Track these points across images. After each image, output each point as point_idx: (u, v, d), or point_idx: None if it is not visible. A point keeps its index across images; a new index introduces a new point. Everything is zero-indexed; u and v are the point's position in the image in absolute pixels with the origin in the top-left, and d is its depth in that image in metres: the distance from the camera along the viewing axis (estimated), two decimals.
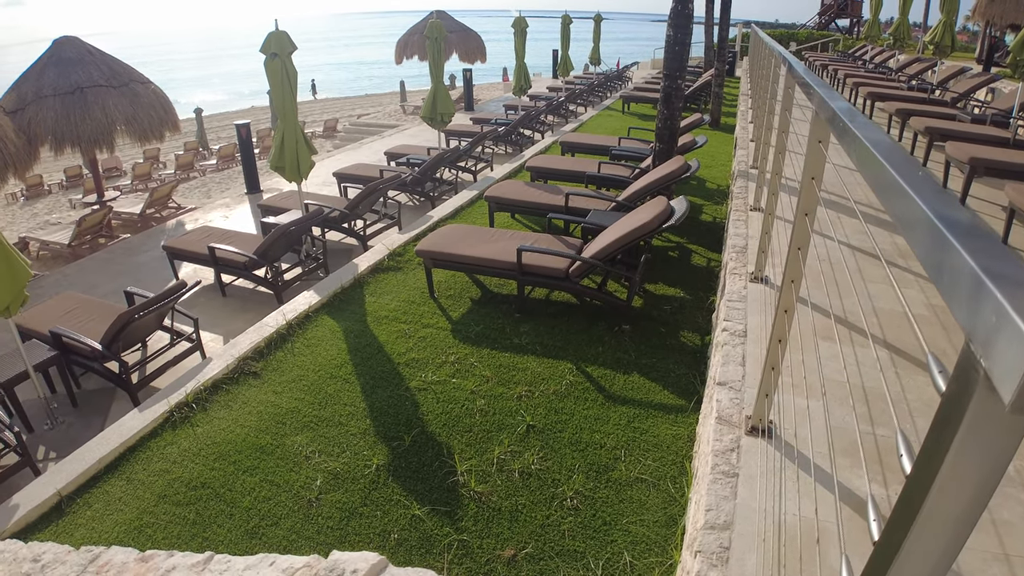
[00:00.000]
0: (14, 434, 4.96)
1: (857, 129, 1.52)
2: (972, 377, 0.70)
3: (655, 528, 3.62)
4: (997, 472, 0.73)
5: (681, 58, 8.22)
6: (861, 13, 40.12)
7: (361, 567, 1.69)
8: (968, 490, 0.75)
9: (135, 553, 2.13)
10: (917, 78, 13.94)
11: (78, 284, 8.83)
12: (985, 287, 0.68)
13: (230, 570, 1.81)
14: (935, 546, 0.81)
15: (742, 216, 6.04)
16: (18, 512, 4.12)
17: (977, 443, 0.71)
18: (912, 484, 0.82)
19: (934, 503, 0.77)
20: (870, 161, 1.31)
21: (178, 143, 25.57)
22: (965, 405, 0.71)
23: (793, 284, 2.53)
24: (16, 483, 4.75)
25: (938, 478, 0.75)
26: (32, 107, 12.27)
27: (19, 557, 2.44)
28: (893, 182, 1.11)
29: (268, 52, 7.61)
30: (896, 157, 1.23)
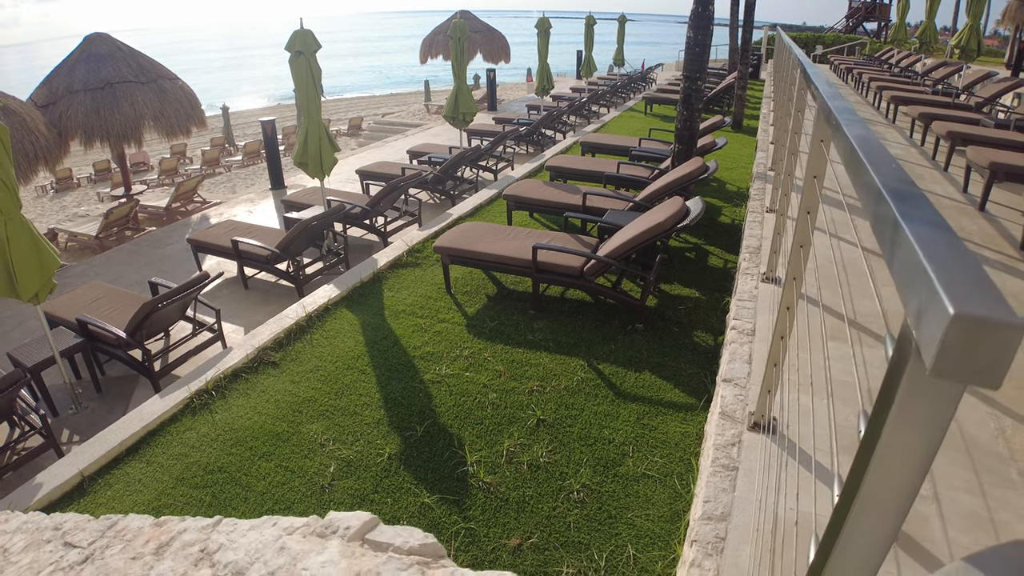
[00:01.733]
0: (40, 417, 5.11)
1: (846, 127, 1.58)
2: (907, 348, 0.77)
3: (660, 523, 3.67)
4: (932, 436, 0.78)
5: (701, 60, 8.24)
6: (889, 17, 39.72)
7: (354, 524, 1.79)
8: (907, 454, 0.81)
9: (150, 519, 2.23)
10: (943, 82, 13.84)
11: (104, 275, 9.02)
12: (919, 261, 0.74)
13: (236, 530, 1.91)
14: (882, 508, 0.87)
15: (758, 217, 6.06)
16: (42, 490, 4.27)
17: (911, 407, 0.77)
18: (862, 450, 0.88)
19: (879, 464, 0.83)
20: (852, 156, 1.37)
21: (204, 139, 25.93)
22: (901, 373, 0.77)
23: (795, 281, 2.58)
24: (40, 464, 4.93)
25: (880, 443, 0.81)
26: (63, 102, 12.52)
27: (41, 526, 2.55)
28: (867, 175, 1.17)
29: (293, 50, 7.73)
30: (874, 152, 1.29)
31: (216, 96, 42.26)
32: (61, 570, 2.05)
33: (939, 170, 8.27)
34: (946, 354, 0.66)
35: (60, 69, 13.07)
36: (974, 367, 0.66)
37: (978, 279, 0.69)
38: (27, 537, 2.51)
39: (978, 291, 0.67)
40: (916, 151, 9.44)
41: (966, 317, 0.63)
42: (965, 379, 0.67)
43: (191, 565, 1.78)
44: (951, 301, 0.65)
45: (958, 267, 0.71)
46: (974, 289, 0.67)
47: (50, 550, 2.26)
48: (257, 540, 1.76)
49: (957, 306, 0.64)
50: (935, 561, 2.41)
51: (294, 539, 1.73)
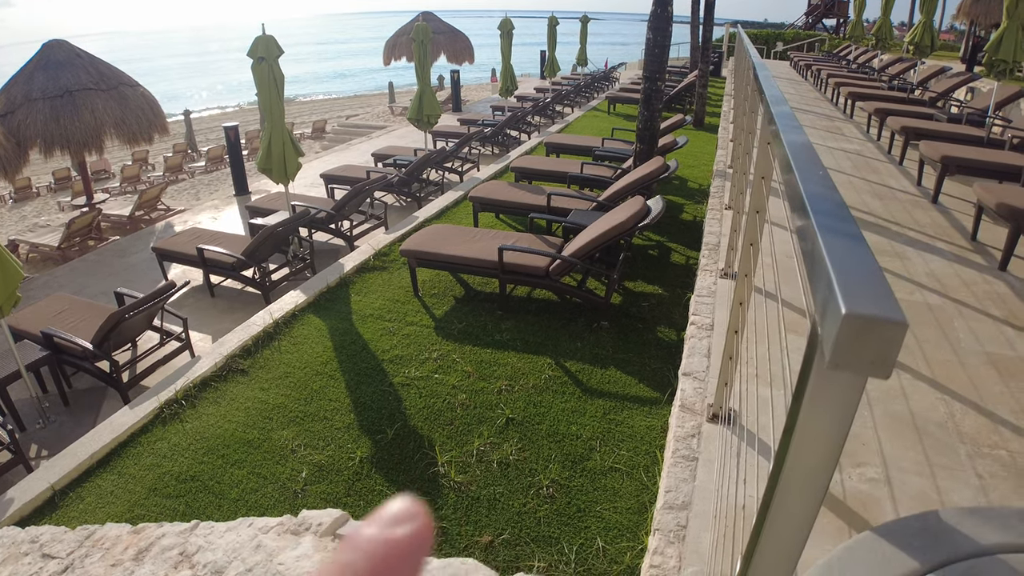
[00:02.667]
0: (7, 432, 5.06)
1: (784, 132, 1.68)
2: (815, 343, 0.85)
3: (627, 515, 3.77)
4: (837, 422, 0.87)
5: (661, 60, 8.37)
6: (847, 13, 40.42)
7: (326, 520, 1.86)
8: (819, 438, 0.89)
9: (128, 527, 2.27)
10: (898, 78, 14.16)
11: (68, 286, 8.93)
12: (824, 264, 0.83)
13: (214, 532, 1.97)
14: (803, 485, 0.96)
15: (717, 214, 6.20)
16: (12, 506, 4.24)
17: (817, 396, 0.86)
18: (784, 434, 0.97)
19: (797, 447, 0.92)
20: (785, 161, 1.46)
21: (166, 145, 25.57)
22: (810, 366, 0.86)
23: (747, 278, 2.68)
24: (9, 480, 4.86)
25: (797, 426, 0.90)
26: (21, 111, 12.33)
27: (18, 540, 2.58)
28: (794, 180, 1.26)
29: (255, 56, 7.72)
30: (804, 157, 1.39)
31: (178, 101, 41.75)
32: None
33: (894, 164, 8.49)
34: (840, 348, 0.74)
35: (18, 77, 12.86)
36: (866, 359, 0.74)
37: (873, 280, 0.78)
38: (3, 551, 2.53)
39: (870, 291, 0.75)
40: (873, 145, 9.68)
41: (856, 315, 0.72)
42: (859, 370, 0.76)
43: (171, 567, 1.83)
44: (844, 300, 0.73)
45: (857, 269, 0.80)
46: (866, 289, 0.76)
47: (28, 562, 2.28)
48: (234, 540, 1.82)
49: (849, 305, 0.73)
50: None
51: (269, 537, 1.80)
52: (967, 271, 5.14)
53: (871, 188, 7.20)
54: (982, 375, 3.68)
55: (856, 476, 2.72)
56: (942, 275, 5.01)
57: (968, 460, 3.00)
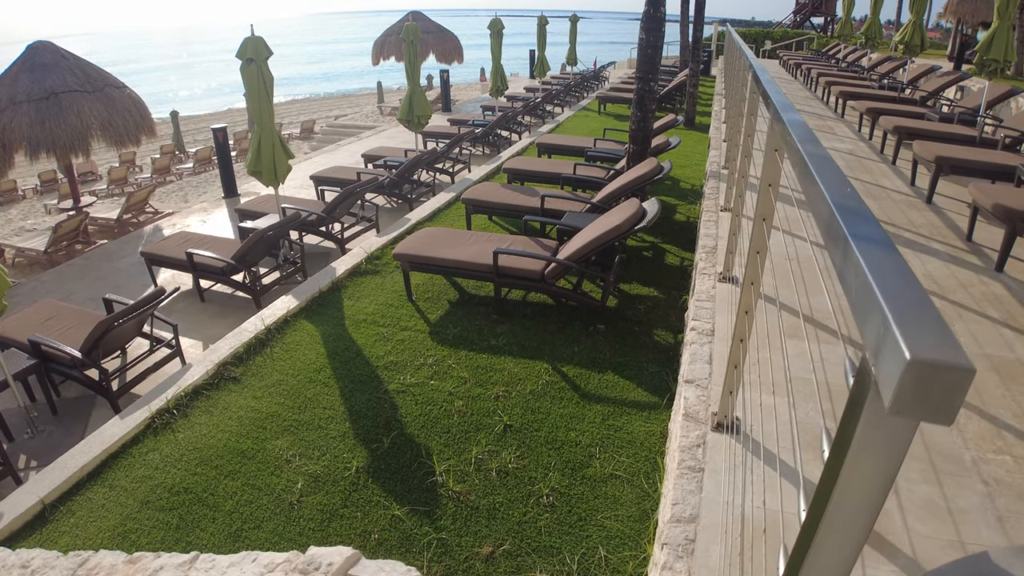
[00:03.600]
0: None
1: (800, 144, 1.63)
2: (867, 380, 0.81)
3: (629, 523, 3.72)
4: (891, 464, 0.82)
5: (653, 61, 8.34)
6: (835, 11, 40.62)
7: (336, 560, 1.79)
8: (868, 479, 0.85)
9: (123, 556, 2.19)
10: (888, 77, 14.18)
11: (55, 291, 8.80)
12: (877, 301, 0.78)
13: (215, 568, 1.89)
14: (847, 526, 0.91)
15: (713, 217, 6.16)
16: (2, 521, 4.15)
17: (871, 439, 0.81)
18: (827, 473, 0.92)
19: (842, 489, 0.87)
20: (807, 175, 1.41)
21: (154, 146, 25.33)
22: (862, 405, 0.81)
23: (753, 286, 2.64)
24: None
25: (844, 468, 0.85)
26: (6, 113, 12.16)
27: (7, 564, 2.50)
28: (821, 196, 1.21)
29: (244, 57, 7.63)
30: (827, 172, 1.34)
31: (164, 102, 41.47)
32: None
33: (887, 164, 8.49)
34: (903, 394, 0.70)
35: (2, 80, 12.67)
36: (930, 407, 0.70)
37: (933, 322, 0.73)
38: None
39: (933, 335, 0.71)
40: (865, 145, 9.68)
41: (922, 362, 0.67)
42: (921, 417, 0.71)
43: None
44: (908, 345, 0.69)
45: (914, 309, 0.75)
46: (929, 333, 0.71)
47: None
48: None
49: (914, 351, 0.68)
50: (896, 551, 2.49)
51: None
52: (964, 272, 5.12)
53: (865, 188, 7.19)
54: (983, 379, 3.66)
55: None
56: (939, 276, 4.99)
57: (973, 466, 2.97)
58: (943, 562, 2.46)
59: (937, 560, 2.47)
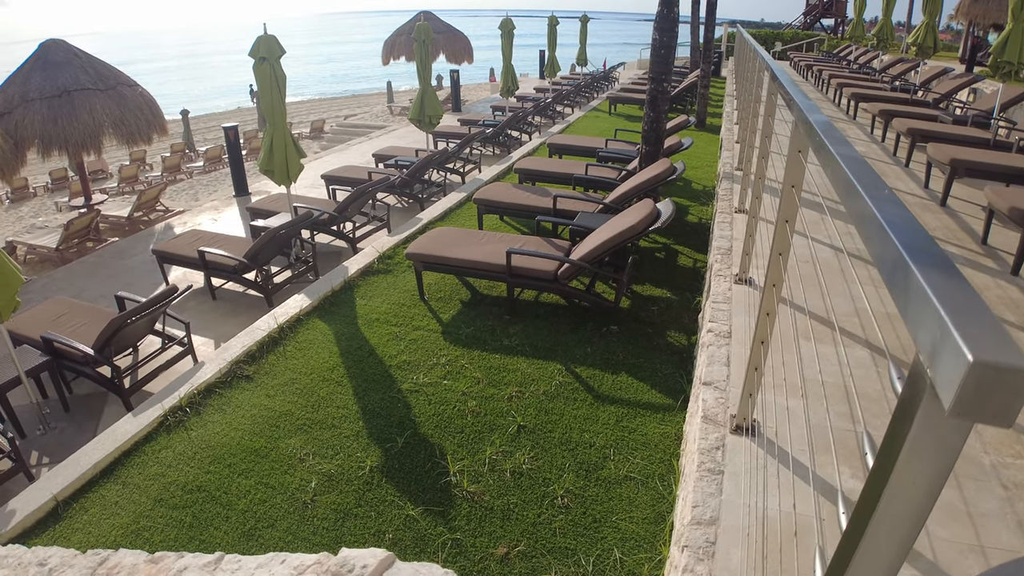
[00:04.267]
0: (7, 440, 4.99)
1: (831, 145, 1.62)
2: (921, 384, 0.79)
3: (644, 525, 3.71)
4: (944, 468, 0.81)
5: (667, 61, 8.32)
6: (845, 13, 40.45)
7: (371, 562, 1.77)
8: (919, 484, 0.84)
9: (144, 555, 2.18)
10: (900, 79, 14.12)
11: (67, 288, 8.84)
12: (932, 304, 0.77)
13: (242, 569, 1.88)
14: (893, 534, 0.90)
15: (727, 218, 6.13)
16: (15, 518, 4.16)
17: (925, 442, 0.80)
18: (873, 478, 0.91)
19: (891, 495, 0.86)
20: (841, 177, 1.40)
21: (164, 145, 25.43)
22: (915, 408, 0.80)
23: (775, 288, 2.62)
24: (10, 489, 4.80)
25: (894, 473, 0.84)
26: (19, 111, 12.22)
27: (24, 562, 2.49)
28: (860, 198, 1.20)
29: (257, 56, 7.65)
30: (864, 175, 1.32)
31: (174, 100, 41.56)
32: None
33: (900, 166, 8.45)
34: (965, 397, 0.68)
35: (15, 77, 12.75)
36: (990, 409, 0.69)
37: (992, 324, 0.72)
38: (10, 573, 2.45)
39: (994, 337, 0.69)
40: (877, 147, 9.64)
41: (985, 364, 0.66)
42: (981, 419, 0.70)
43: None
44: (969, 348, 0.68)
45: (970, 311, 0.74)
46: (990, 335, 0.70)
47: None
48: None
49: (976, 353, 0.67)
50: (916, 555, 2.47)
51: None
52: (979, 276, 5.09)
53: None
54: None
55: None
56: None
57: (992, 471, 2.95)
58: (963, 566, 2.44)
59: (958, 564, 2.45)
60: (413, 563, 1.78)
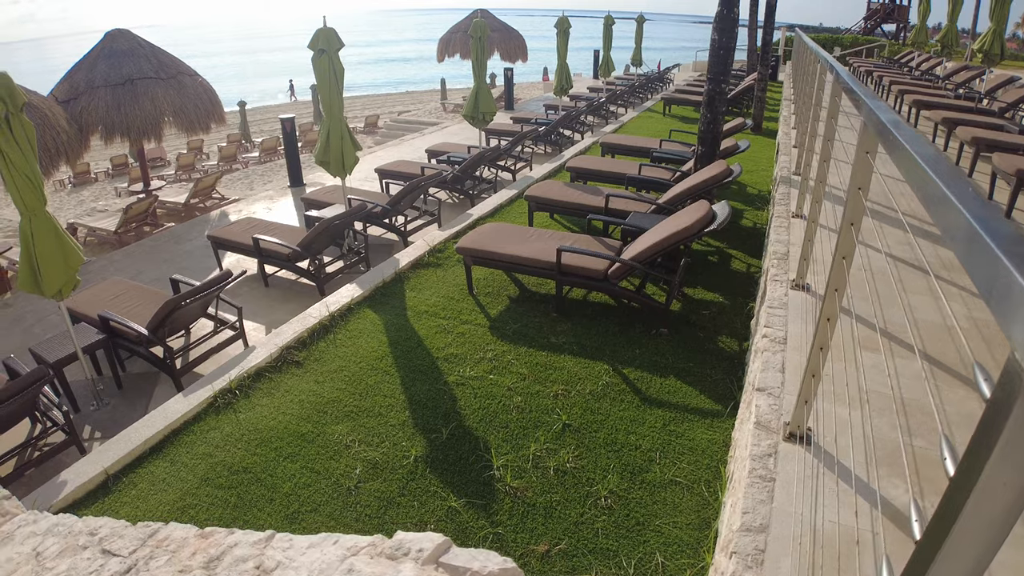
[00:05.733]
0: (62, 413, 5.13)
1: (905, 141, 1.56)
2: (1016, 385, 0.75)
3: (688, 530, 3.65)
4: None
5: (725, 62, 8.21)
6: (908, 18, 39.42)
7: (427, 546, 1.76)
8: (1009, 492, 0.79)
9: (194, 529, 2.21)
10: (964, 87, 13.71)
11: (124, 270, 9.07)
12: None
13: (293, 548, 1.88)
14: (975, 545, 0.86)
15: (784, 223, 6.02)
16: (66, 488, 4.28)
17: (1018, 447, 0.75)
18: (955, 486, 0.87)
19: (976, 503, 0.82)
20: (918, 174, 1.34)
21: (221, 134, 25.99)
22: (1008, 411, 0.76)
23: (836, 293, 2.55)
24: (62, 461, 4.95)
25: (981, 479, 0.80)
26: (84, 97, 12.59)
27: (74, 531, 2.55)
28: (942, 196, 1.14)
29: (316, 48, 7.73)
30: (944, 171, 1.27)
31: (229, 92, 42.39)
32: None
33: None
34: None
35: (81, 65, 13.13)
36: None
37: None
38: (61, 541, 2.50)
39: None
40: None
41: None
42: None
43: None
44: None
45: None
46: None
47: (87, 557, 2.24)
48: (319, 560, 1.73)
49: None
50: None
51: (361, 560, 1.69)
52: None
53: None
54: None
55: None
56: None
57: None
58: None
59: None
60: (470, 549, 1.76)
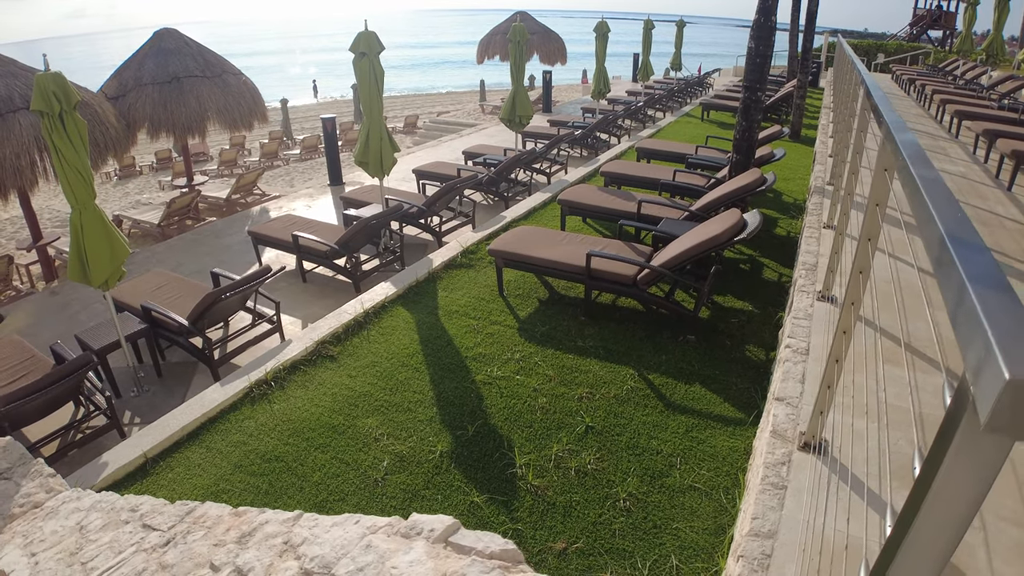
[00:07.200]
0: (105, 398, 5.35)
1: (912, 165, 1.63)
2: (966, 399, 0.83)
3: (704, 535, 3.71)
4: (982, 483, 0.85)
5: (762, 70, 8.21)
6: (955, 25, 38.64)
7: (438, 527, 1.89)
8: (958, 498, 0.87)
9: (228, 508, 2.36)
10: (1009, 97, 13.48)
11: (166, 262, 9.34)
12: (981, 323, 0.81)
13: (319, 526, 2.02)
14: (931, 545, 0.94)
15: (815, 233, 6.03)
16: (107, 469, 4.50)
17: (964, 457, 0.84)
18: (916, 489, 0.95)
19: (930, 506, 0.90)
20: (918, 198, 1.42)
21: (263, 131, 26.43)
22: (958, 422, 0.84)
23: (853, 306, 2.61)
24: (102, 443, 5.17)
25: (934, 485, 0.88)
26: (132, 94, 12.96)
27: (116, 507, 2.71)
28: (929, 217, 1.23)
29: (357, 51, 7.91)
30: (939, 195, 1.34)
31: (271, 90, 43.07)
32: (144, 551, 2.20)
33: (1002, 189, 8.10)
34: (1000, 413, 0.73)
35: (130, 62, 13.52)
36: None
37: None
38: (104, 516, 2.66)
39: None
40: (979, 168, 9.26)
41: (1020, 382, 0.70)
42: (1016, 436, 0.74)
43: (276, 556, 1.90)
44: (1007, 365, 0.72)
45: (1017, 332, 0.78)
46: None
47: (129, 531, 2.40)
48: (341, 537, 1.88)
49: (1013, 371, 0.71)
50: None
51: (379, 538, 1.84)
52: None
53: (976, 214, 6.88)
54: None
55: None
56: None
57: None
58: None
59: None
60: (476, 531, 1.89)
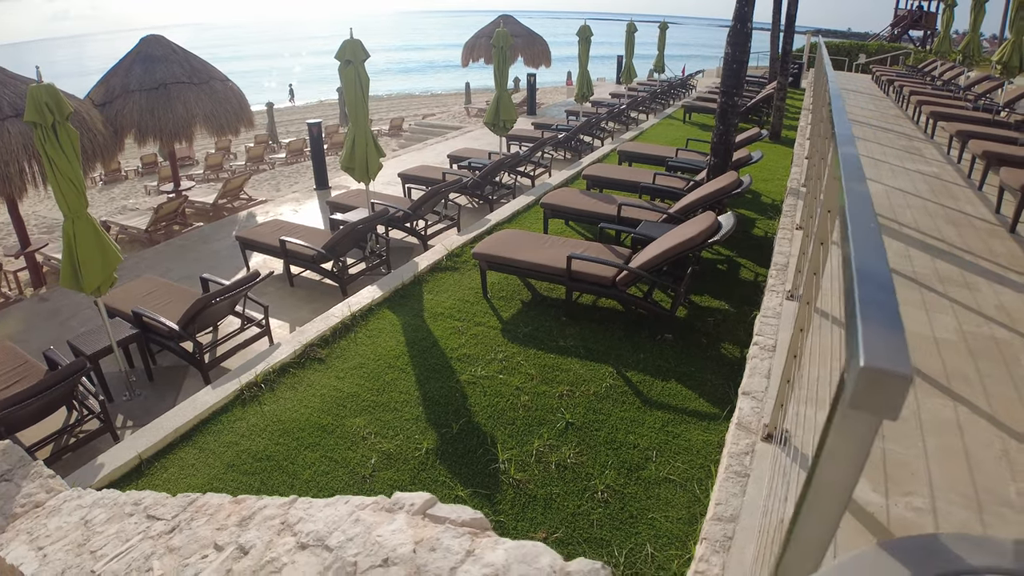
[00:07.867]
0: (98, 402, 5.48)
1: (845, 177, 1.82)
2: (843, 384, 1.01)
3: (678, 524, 3.90)
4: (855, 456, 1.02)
5: (738, 76, 8.42)
6: (935, 25, 39.06)
7: (417, 501, 2.10)
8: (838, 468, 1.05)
9: (228, 497, 2.54)
10: (984, 97, 13.75)
11: (155, 268, 9.46)
12: (856, 318, 0.99)
13: (312, 507, 2.21)
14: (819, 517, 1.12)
15: (787, 234, 6.23)
16: (103, 471, 4.65)
17: (841, 429, 1.01)
18: (813, 462, 1.13)
19: (820, 473, 1.07)
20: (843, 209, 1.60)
21: (248, 135, 26.48)
22: (838, 402, 1.02)
23: (808, 305, 2.79)
24: (96, 447, 5.31)
25: (821, 457, 1.06)
26: (119, 101, 13.04)
27: (119, 502, 2.87)
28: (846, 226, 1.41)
29: (342, 59, 8.05)
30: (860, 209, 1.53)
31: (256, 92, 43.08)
32: (151, 538, 2.36)
33: (973, 189, 8.33)
34: (858, 393, 0.91)
35: (117, 69, 13.58)
36: (878, 403, 0.91)
37: (893, 337, 0.94)
38: (108, 511, 2.82)
39: (888, 347, 0.91)
40: (952, 168, 9.49)
41: (871, 369, 0.88)
42: (873, 412, 0.92)
43: (275, 534, 2.08)
44: (865, 354, 0.90)
45: (883, 326, 0.95)
46: (886, 345, 0.91)
47: (135, 522, 2.56)
48: (333, 514, 2.08)
49: (868, 359, 0.89)
50: None
51: (366, 513, 2.05)
52: None
53: (946, 214, 7.10)
54: None
55: (903, 504, 2.80)
56: (1012, 309, 4.95)
57: (1018, 498, 3.02)
58: None
59: None
60: (450, 504, 2.10)
